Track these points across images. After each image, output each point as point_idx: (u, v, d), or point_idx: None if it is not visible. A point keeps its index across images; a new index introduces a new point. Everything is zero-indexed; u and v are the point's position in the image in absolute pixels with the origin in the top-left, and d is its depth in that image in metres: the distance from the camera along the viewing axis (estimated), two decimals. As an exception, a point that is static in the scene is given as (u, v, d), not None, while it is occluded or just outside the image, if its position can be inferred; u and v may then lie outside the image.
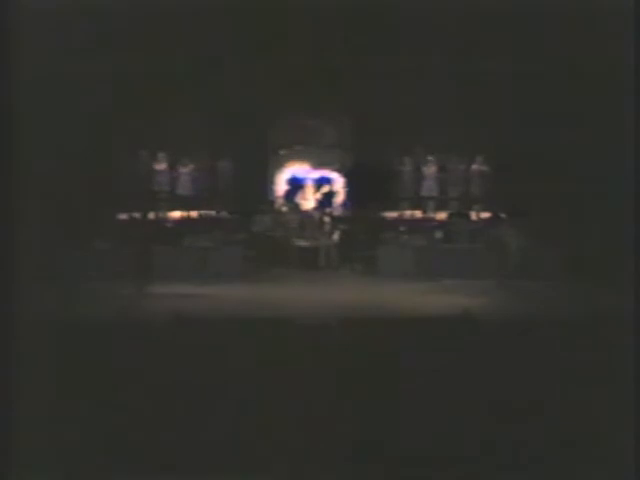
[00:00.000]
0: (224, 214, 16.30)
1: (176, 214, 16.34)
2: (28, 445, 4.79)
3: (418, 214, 16.39)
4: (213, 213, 16.38)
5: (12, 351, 5.15)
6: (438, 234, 15.50)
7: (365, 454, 5.22)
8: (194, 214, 16.38)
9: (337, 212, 16.58)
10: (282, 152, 16.99)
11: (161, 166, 16.26)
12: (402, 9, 10.64)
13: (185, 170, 16.43)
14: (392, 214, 16.32)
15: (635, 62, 6.60)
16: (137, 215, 15.33)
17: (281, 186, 16.86)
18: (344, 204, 16.73)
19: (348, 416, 5.51)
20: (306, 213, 16.37)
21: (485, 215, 16.07)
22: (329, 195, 16.74)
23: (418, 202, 16.52)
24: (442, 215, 16.20)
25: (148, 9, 10.49)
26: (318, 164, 16.86)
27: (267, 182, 16.99)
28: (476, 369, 6.47)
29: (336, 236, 15.76)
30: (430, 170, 16.36)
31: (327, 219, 16.02)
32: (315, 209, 16.45)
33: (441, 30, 11.18)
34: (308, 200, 16.66)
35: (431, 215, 16.28)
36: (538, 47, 10.80)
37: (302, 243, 15.75)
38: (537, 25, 10.52)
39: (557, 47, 10.71)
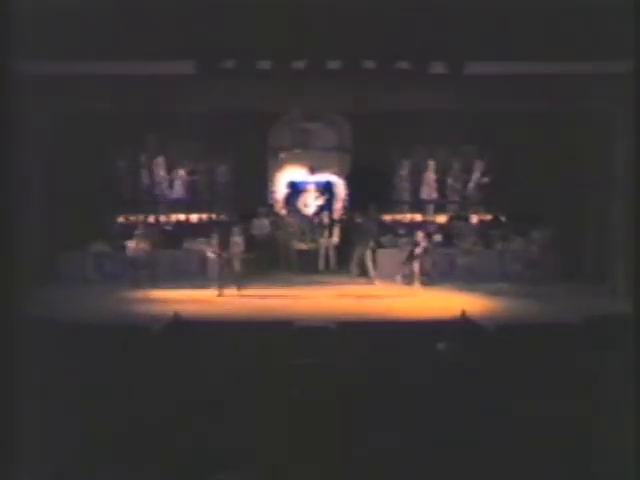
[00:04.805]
0: (223, 217, 16.29)
1: (177, 217, 16.32)
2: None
3: (417, 217, 16.39)
4: (213, 217, 16.36)
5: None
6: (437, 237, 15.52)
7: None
8: (193, 218, 16.36)
9: (336, 215, 16.55)
10: (282, 155, 16.97)
11: (162, 170, 16.24)
12: (402, 10, 10.63)
13: (184, 174, 16.41)
14: (391, 217, 16.31)
15: (635, 63, 6.59)
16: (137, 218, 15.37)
17: (281, 189, 16.82)
18: (343, 207, 16.70)
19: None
20: (305, 216, 16.35)
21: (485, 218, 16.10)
22: (329, 198, 16.71)
23: (418, 205, 16.52)
24: (442, 218, 16.20)
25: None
26: (318, 167, 16.83)
27: (267, 185, 16.97)
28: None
29: (335, 239, 15.75)
30: (430, 173, 16.35)
31: (326, 222, 16.01)
32: (315, 212, 16.43)
33: (441, 33, 11.15)
34: (308, 203, 16.63)
35: (430, 218, 16.28)
36: (537, 47, 10.80)
37: (301, 246, 15.75)
38: (536, 24, 10.53)
39: (556, 47, 10.73)
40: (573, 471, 5.00)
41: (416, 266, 14.01)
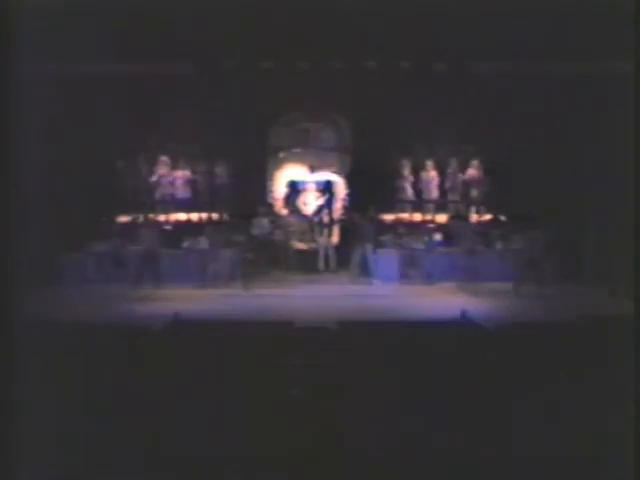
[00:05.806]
0: (224, 217, 16.28)
1: (177, 217, 16.32)
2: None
3: (417, 217, 16.39)
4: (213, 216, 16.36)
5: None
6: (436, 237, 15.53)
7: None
8: (194, 217, 16.37)
9: (336, 215, 16.56)
10: (281, 155, 16.97)
11: (162, 170, 16.24)
12: (402, 10, 10.67)
13: (184, 174, 16.41)
14: (391, 217, 16.30)
15: (635, 62, 6.60)
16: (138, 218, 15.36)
17: (281, 189, 16.83)
18: (343, 207, 16.70)
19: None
20: (305, 216, 16.36)
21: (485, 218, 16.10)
22: (328, 198, 16.72)
23: (418, 205, 16.52)
24: (442, 218, 16.20)
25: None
26: (318, 166, 16.84)
27: (267, 185, 16.97)
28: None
29: (335, 239, 15.75)
30: (429, 173, 16.34)
31: (326, 221, 16.00)
32: (314, 212, 16.43)
33: (441, 33, 11.18)
34: (308, 202, 16.63)
35: (430, 217, 16.28)
36: (537, 47, 10.85)
37: (301, 246, 15.75)
38: (537, 24, 10.57)
39: (557, 47, 10.77)
40: (573, 471, 5.00)
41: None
